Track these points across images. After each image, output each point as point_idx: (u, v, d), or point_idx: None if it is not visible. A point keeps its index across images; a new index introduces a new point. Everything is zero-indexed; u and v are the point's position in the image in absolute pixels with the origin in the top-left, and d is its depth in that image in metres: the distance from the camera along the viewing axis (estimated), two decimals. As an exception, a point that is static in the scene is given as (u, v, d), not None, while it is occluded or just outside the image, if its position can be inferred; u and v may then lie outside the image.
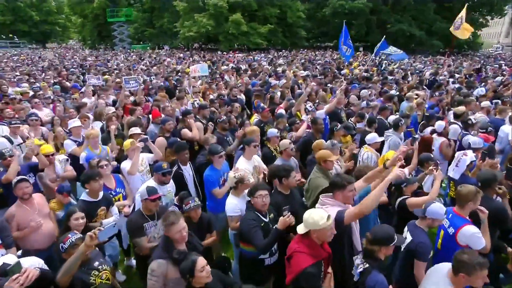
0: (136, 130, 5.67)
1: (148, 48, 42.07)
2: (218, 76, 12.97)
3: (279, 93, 9.37)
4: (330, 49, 34.99)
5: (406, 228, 3.45)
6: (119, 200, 4.55)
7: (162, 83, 10.63)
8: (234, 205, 3.95)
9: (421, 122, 7.28)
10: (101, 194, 4.00)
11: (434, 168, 4.21)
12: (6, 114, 7.51)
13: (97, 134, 5.50)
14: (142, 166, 4.92)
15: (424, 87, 11.86)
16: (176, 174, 4.85)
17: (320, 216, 2.80)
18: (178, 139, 5.76)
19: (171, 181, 4.49)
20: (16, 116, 7.67)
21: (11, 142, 6.13)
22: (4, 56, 29.87)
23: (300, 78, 12.33)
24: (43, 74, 15.58)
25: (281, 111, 7.75)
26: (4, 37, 52.05)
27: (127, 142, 4.80)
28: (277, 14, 40.13)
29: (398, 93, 10.15)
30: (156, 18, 44.54)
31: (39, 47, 52.12)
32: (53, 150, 5.07)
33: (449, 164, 5.40)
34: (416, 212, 3.43)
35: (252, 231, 3.27)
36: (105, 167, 4.40)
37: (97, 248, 3.16)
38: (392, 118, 7.14)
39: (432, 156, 5.07)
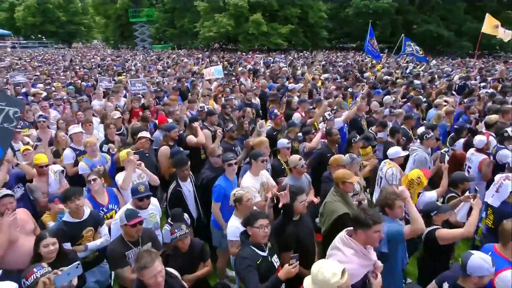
0: (146, 134, 5.37)
1: (169, 48, 42.27)
2: (234, 78, 12.49)
3: (296, 98, 8.83)
4: (353, 50, 33.97)
5: (445, 285, 2.83)
6: (111, 217, 4.16)
7: (175, 85, 10.23)
8: (235, 228, 3.49)
9: (450, 135, 6.54)
10: (86, 212, 3.59)
11: (472, 196, 3.57)
12: (14, 116, 7.36)
13: (94, 142, 5.15)
14: (139, 180, 4.52)
15: (454, 92, 11.01)
16: (174, 191, 4.44)
17: (332, 272, 2.21)
18: (181, 149, 5.35)
19: (155, 202, 4.05)
20: (24, 118, 7.54)
21: (12, 147, 5.93)
22: (30, 55, 30.67)
23: (319, 81, 11.72)
24: (62, 73, 15.66)
25: (297, 116, 7.23)
26: (33, 37, 54.03)
27: (123, 153, 4.41)
28: (299, 14, 39.36)
29: (425, 99, 9.37)
30: (177, 18, 44.69)
31: (65, 47, 53.65)
32: (47, 160, 4.73)
33: (487, 185, 4.74)
34: (454, 271, 2.76)
35: (245, 273, 2.77)
36: (92, 182, 4.01)
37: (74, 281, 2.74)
38: (421, 129, 6.44)
39: (467, 175, 4.39)
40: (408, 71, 16.50)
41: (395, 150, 4.99)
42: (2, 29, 54.19)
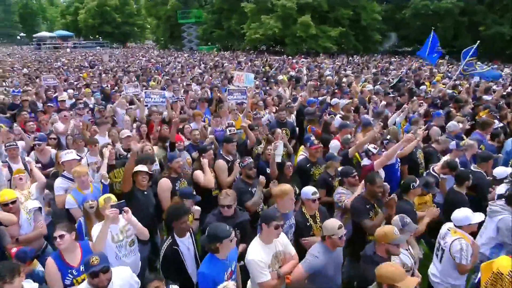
0: (142, 167, 4.38)
1: (213, 49, 42.24)
2: (268, 87, 11.24)
3: (338, 117, 7.47)
4: (408, 56, 31.11)
5: None
6: (83, 280, 3.26)
7: (203, 96, 9.28)
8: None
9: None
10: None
11: None
12: (28, 127, 6.88)
13: (84, 172, 4.32)
14: (121, 234, 3.58)
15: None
16: (168, 250, 3.43)
17: None
18: (185, 186, 4.35)
19: (124, 272, 3.04)
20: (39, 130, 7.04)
21: (9, 168, 5.33)
22: (84, 55, 31.99)
23: (368, 94, 10.12)
24: (103, 75, 15.60)
25: (335, 144, 5.93)
26: (92, 38, 57.54)
27: (101, 200, 3.48)
28: (351, 16, 37.09)
29: (500, 123, 7.49)
30: (225, 20, 44.49)
31: (119, 47, 56.43)
32: (15, 195, 3.93)
33: None
34: None
35: None
36: (59, 239, 3.13)
37: None
38: (501, 171, 4.81)
39: None
40: (474, 81, 13.78)
41: (464, 215, 3.52)
42: (67, 31, 58.84)
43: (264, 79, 14.12)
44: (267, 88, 11.17)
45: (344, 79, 13.13)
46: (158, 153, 5.89)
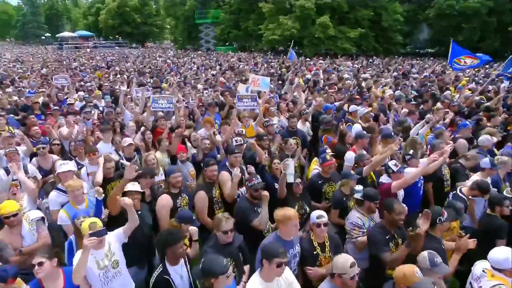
0: (131, 187, 3.91)
1: (230, 50, 42.02)
2: (284, 92, 10.79)
3: (356, 126, 6.94)
4: (431, 57, 29.93)
5: None
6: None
7: (211, 100, 8.86)
8: None
9: None
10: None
11: None
12: (33, 132, 6.66)
13: (78, 186, 4.02)
14: (107, 258, 3.22)
15: None
16: (158, 279, 3.07)
17: None
18: (182, 216, 3.92)
19: None
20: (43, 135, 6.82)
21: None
22: (102, 55, 32.25)
23: (388, 101, 9.45)
24: (118, 76, 15.48)
25: (350, 156, 5.42)
26: (111, 38, 58.48)
27: (85, 225, 3.13)
28: (371, 17, 36.13)
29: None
30: (242, 20, 44.27)
31: (138, 46, 57.12)
32: (17, 208, 3.71)
33: None
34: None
35: None
36: (37, 267, 2.82)
37: None
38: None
39: None
40: (503, 86, 12.64)
41: (505, 256, 2.93)
42: (88, 31, 60.05)
43: (280, 82, 13.65)
44: (282, 92, 10.70)
45: (363, 83, 12.48)
46: (162, 161, 5.56)
